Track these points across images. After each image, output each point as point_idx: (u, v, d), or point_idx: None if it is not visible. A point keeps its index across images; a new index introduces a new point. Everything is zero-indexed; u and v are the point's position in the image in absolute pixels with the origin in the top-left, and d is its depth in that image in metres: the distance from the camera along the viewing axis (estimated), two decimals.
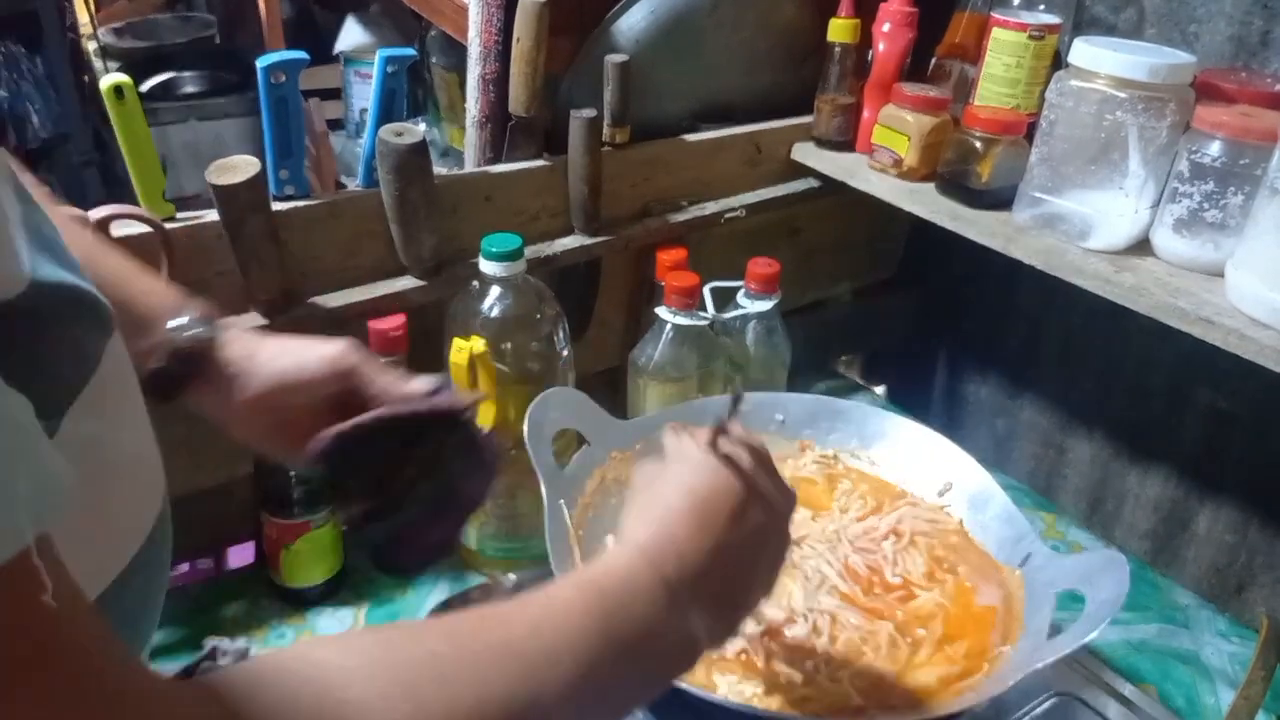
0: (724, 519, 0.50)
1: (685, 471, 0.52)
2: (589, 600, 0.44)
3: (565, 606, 0.43)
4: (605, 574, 0.46)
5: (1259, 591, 0.94)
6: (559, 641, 0.41)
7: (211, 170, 0.71)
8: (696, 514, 0.50)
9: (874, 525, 0.82)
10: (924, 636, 0.73)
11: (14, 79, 1.93)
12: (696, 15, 0.94)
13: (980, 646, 0.72)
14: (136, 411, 0.42)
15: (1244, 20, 0.82)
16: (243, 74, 2.19)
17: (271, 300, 0.77)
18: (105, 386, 0.38)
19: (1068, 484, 1.11)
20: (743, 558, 0.51)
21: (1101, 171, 0.77)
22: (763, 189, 1.04)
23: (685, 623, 0.47)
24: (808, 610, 0.74)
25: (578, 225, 0.92)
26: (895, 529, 0.82)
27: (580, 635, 0.42)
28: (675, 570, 0.47)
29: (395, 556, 0.63)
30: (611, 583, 0.45)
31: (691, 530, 0.49)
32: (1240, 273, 0.69)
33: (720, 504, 0.51)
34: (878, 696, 0.68)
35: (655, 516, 0.50)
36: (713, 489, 0.51)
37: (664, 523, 0.49)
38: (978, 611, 0.75)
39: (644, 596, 0.45)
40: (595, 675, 0.41)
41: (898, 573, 0.78)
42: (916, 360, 1.29)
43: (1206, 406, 0.95)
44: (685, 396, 0.91)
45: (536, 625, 0.41)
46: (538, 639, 0.40)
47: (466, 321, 0.81)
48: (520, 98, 0.86)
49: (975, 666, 0.70)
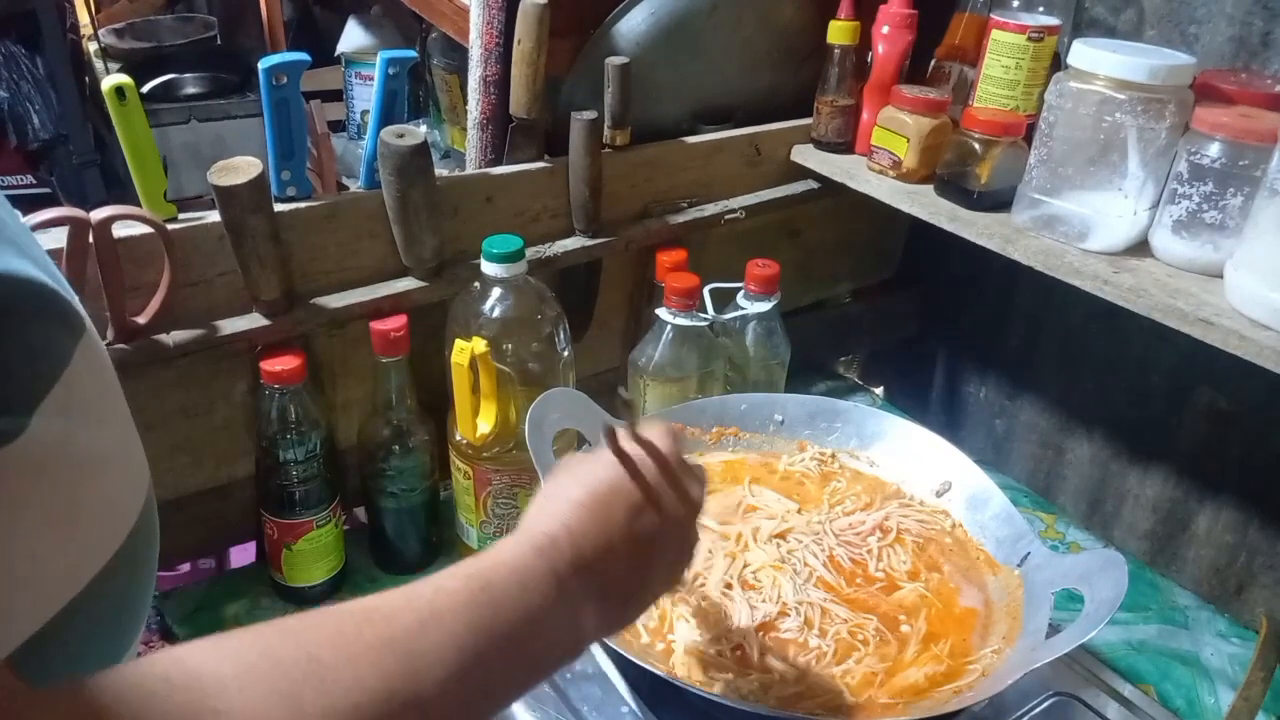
0: (620, 515, 0.51)
1: (591, 468, 0.53)
2: (474, 593, 0.44)
3: (450, 600, 0.43)
4: (493, 566, 0.46)
5: (1259, 592, 0.94)
6: (443, 638, 0.41)
7: (213, 171, 0.72)
8: (592, 508, 0.51)
9: (860, 520, 0.83)
10: (909, 633, 0.73)
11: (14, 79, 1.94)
12: (696, 17, 0.94)
13: (963, 647, 0.72)
14: (115, 410, 0.42)
15: (1244, 21, 0.83)
16: (244, 75, 2.20)
17: (273, 301, 0.77)
18: (78, 385, 0.37)
19: (1067, 484, 1.11)
20: (637, 555, 0.52)
21: (1100, 173, 0.77)
22: (762, 190, 1.04)
23: (573, 615, 0.48)
24: (798, 604, 0.74)
25: (578, 226, 0.92)
26: (882, 525, 0.82)
27: (465, 629, 0.42)
28: (566, 563, 0.48)
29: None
30: (499, 574, 0.45)
31: (586, 524, 0.50)
32: (1239, 273, 0.69)
33: (616, 501, 0.52)
34: (869, 694, 0.68)
35: (552, 509, 0.51)
36: (610, 486, 0.52)
37: (559, 515, 0.50)
38: (959, 613, 0.76)
39: (532, 587, 0.46)
40: (478, 669, 0.42)
41: (881, 567, 0.79)
42: (916, 361, 1.29)
43: (1206, 406, 0.95)
44: (685, 397, 0.91)
45: (421, 621, 0.41)
46: (421, 635, 0.40)
47: (468, 322, 0.81)
48: (521, 99, 0.87)
49: (959, 667, 0.71)
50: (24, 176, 2.04)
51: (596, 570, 0.49)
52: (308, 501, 0.81)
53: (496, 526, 0.86)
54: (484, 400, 0.80)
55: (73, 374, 0.37)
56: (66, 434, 0.36)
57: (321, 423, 0.80)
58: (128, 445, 0.43)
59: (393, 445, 0.83)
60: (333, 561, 0.86)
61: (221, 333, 0.75)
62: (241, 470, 0.84)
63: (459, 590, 0.43)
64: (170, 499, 0.82)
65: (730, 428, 0.89)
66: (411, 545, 0.90)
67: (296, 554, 0.83)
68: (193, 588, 0.88)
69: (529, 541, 0.48)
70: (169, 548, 0.86)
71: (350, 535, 0.89)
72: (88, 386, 0.38)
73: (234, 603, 0.86)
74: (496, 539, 0.87)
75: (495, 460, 0.83)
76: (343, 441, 0.87)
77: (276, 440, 0.78)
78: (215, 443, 0.82)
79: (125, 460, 0.43)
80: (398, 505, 0.86)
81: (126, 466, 0.43)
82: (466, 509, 0.88)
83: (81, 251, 0.67)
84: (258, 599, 0.86)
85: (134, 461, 0.44)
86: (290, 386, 0.77)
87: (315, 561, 0.84)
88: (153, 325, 0.73)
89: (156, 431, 0.79)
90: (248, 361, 0.79)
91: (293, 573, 0.84)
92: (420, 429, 0.84)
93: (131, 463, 0.43)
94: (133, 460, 0.44)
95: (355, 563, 0.89)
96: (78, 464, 0.37)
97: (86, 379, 0.38)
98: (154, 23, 2.38)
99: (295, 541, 0.82)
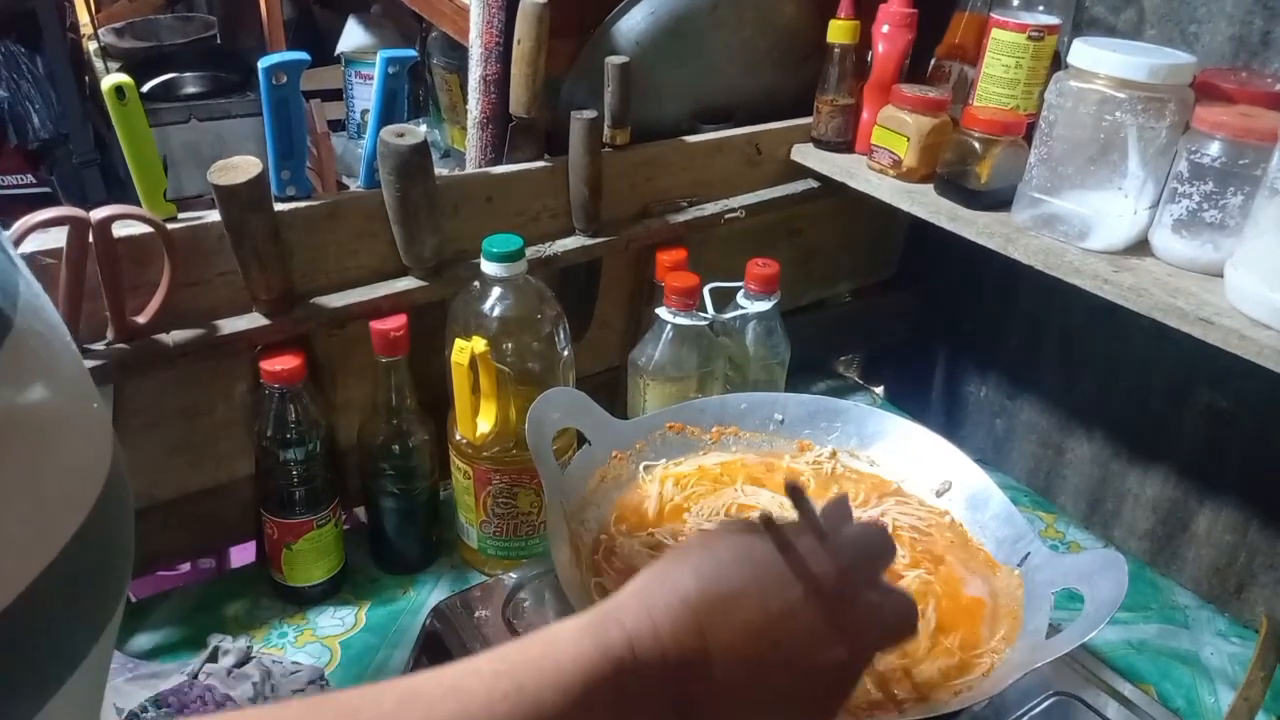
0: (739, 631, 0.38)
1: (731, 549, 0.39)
2: (494, 695, 0.35)
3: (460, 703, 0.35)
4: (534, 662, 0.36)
5: (1259, 591, 0.94)
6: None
7: (213, 170, 0.72)
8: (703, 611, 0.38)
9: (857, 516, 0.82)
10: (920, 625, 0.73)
11: (14, 79, 1.94)
12: (696, 16, 0.94)
13: (972, 639, 0.72)
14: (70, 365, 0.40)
15: (1245, 20, 0.83)
16: (244, 74, 2.20)
17: (273, 300, 0.77)
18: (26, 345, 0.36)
19: (1067, 484, 1.11)
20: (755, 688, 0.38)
21: (1101, 172, 0.77)
22: (762, 190, 1.04)
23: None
24: None
25: (578, 226, 0.92)
26: (878, 521, 0.81)
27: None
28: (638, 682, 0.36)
29: None
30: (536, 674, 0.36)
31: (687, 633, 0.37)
32: (1240, 273, 0.69)
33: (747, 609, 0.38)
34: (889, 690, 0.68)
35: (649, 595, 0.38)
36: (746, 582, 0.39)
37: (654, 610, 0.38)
38: (966, 602, 0.75)
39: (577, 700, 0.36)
40: None
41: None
42: (916, 360, 1.29)
43: (1206, 406, 0.95)
44: (685, 396, 0.91)
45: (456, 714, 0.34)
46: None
47: (467, 322, 0.81)
48: (521, 99, 0.87)
49: (970, 660, 0.70)
50: (24, 176, 2.04)
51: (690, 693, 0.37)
52: (308, 501, 0.81)
53: (496, 526, 0.86)
54: (484, 400, 0.80)
55: (18, 336, 0.36)
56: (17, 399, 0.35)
57: (321, 423, 0.80)
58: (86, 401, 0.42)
59: (393, 445, 0.83)
60: (333, 561, 0.86)
61: (221, 332, 0.75)
62: (241, 470, 0.84)
63: (476, 691, 0.35)
64: (170, 499, 0.82)
65: (730, 427, 0.89)
66: (411, 545, 0.90)
67: (296, 554, 0.83)
68: (193, 588, 0.88)
69: (599, 637, 0.37)
70: (169, 548, 0.86)
71: (350, 535, 0.89)
72: (37, 345, 0.37)
73: (234, 603, 0.86)
74: (496, 539, 0.88)
75: (495, 460, 0.83)
76: (343, 441, 0.87)
77: (276, 440, 0.78)
78: (215, 443, 0.82)
79: (85, 419, 0.41)
80: (398, 505, 0.86)
81: (87, 425, 0.41)
82: (466, 509, 0.88)
83: (81, 251, 0.67)
84: (258, 599, 0.86)
85: (95, 420, 0.42)
86: (290, 386, 0.77)
87: (315, 561, 0.84)
88: (153, 325, 0.73)
89: (156, 431, 0.79)
90: (248, 361, 0.79)
91: (293, 573, 0.84)
92: (420, 429, 0.84)
93: (93, 421, 0.42)
94: (93, 418, 0.42)
95: (355, 563, 0.89)
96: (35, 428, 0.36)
97: (33, 338, 0.37)
98: (154, 22, 2.38)
99: (295, 541, 0.82)
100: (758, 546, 0.40)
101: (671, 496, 0.81)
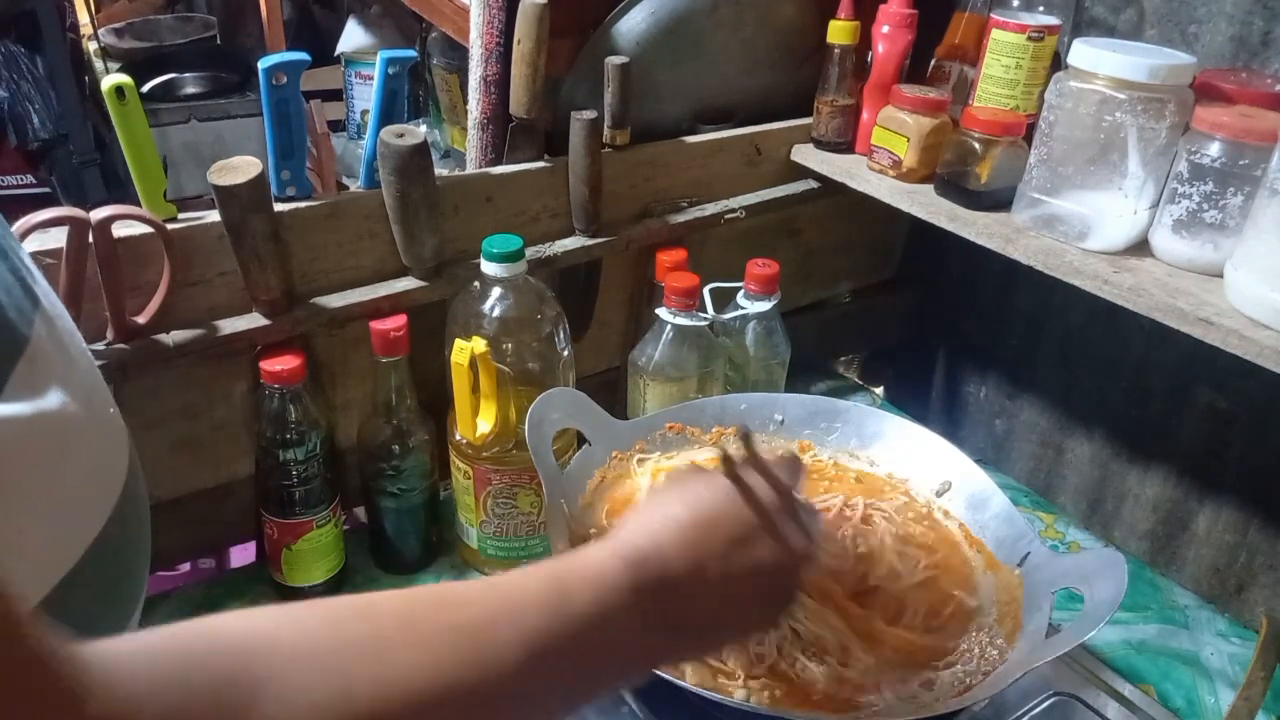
0: (720, 543, 0.49)
1: (697, 489, 0.51)
2: (550, 594, 0.43)
3: (524, 598, 0.42)
4: (575, 570, 0.45)
5: (1259, 591, 0.94)
6: (513, 635, 0.40)
7: (213, 171, 0.72)
8: (691, 530, 0.48)
9: (830, 504, 0.82)
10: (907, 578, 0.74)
11: (14, 79, 1.93)
12: (696, 17, 0.94)
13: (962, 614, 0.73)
14: (86, 374, 0.41)
15: (1244, 20, 0.83)
16: (244, 75, 2.20)
17: (273, 300, 0.77)
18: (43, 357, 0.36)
19: (1067, 484, 1.11)
20: (728, 587, 0.49)
21: (1100, 172, 0.77)
22: (762, 190, 1.04)
23: (647, 635, 0.46)
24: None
25: (578, 226, 0.92)
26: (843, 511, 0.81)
27: (535, 632, 0.41)
28: (651, 582, 0.46)
29: None
30: (580, 583, 0.44)
31: (680, 546, 0.48)
32: (1239, 273, 0.69)
33: (720, 527, 0.49)
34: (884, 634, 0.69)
35: (649, 523, 0.49)
36: (715, 512, 0.50)
37: (655, 532, 0.48)
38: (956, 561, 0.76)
39: (610, 601, 0.44)
40: (543, 673, 0.41)
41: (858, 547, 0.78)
42: (916, 360, 1.29)
43: (1206, 406, 0.95)
44: (685, 397, 0.91)
45: (493, 614, 0.41)
46: (491, 630, 0.40)
47: (467, 322, 0.81)
48: (521, 99, 0.87)
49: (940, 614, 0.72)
50: (24, 176, 2.04)
51: (682, 595, 0.47)
52: (308, 501, 0.81)
53: (496, 526, 0.86)
54: (484, 400, 0.80)
55: (36, 348, 0.36)
56: (37, 409, 0.35)
57: (321, 423, 0.80)
58: (103, 408, 0.42)
59: (393, 445, 0.83)
60: (333, 561, 0.86)
61: (221, 333, 0.75)
62: (241, 470, 0.84)
63: (535, 589, 0.43)
64: (170, 499, 0.82)
65: (730, 427, 0.89)
66: (411, 545, 0.90)
67: (296, 554, 0.83)
68: (193, 588, 0.88)
69: (618, 552, 0.46)
70: (169, 548, 0.86)
71: (350, 535, 0.89)
72: (53, 355, 0.37)
73: (234, 603, 0.86)
74: (496, 539, 0.88)
75: (495, 460, 0.83)
76: (343, 441, 0.87)
77: (276, 440, 0.78)
78: (215, 443, 0.82)
79: (102, 424, 0.42)
80: (398, 505, 0.86)
81: (104, 430, 0.42)
82: (466, 509, 0.88)
83: (81, 251, 0.67)
84: (258, 599, 0.86)
85: (111, 424, 0.43)
86: (290, 386, 0.77)
87: (315, 561, 0.84)
88: (153, 325, 0.73)
89: (156, 431, 0.79)
90: (248, 361, 0.79)
91: (293, 573, 0.84)
92: (420, 429, 0.84)
93: (109, 425, 0.42)
94: (110, 423, 0.43)
95: (355, 563, 0.89)
96: (55, 435, 0.36)
97: (51, 348, 0.37)
98: (154, 22, 2.38)
99: (295, 541, 0.82)
100: (720, 480, 0.52)
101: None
